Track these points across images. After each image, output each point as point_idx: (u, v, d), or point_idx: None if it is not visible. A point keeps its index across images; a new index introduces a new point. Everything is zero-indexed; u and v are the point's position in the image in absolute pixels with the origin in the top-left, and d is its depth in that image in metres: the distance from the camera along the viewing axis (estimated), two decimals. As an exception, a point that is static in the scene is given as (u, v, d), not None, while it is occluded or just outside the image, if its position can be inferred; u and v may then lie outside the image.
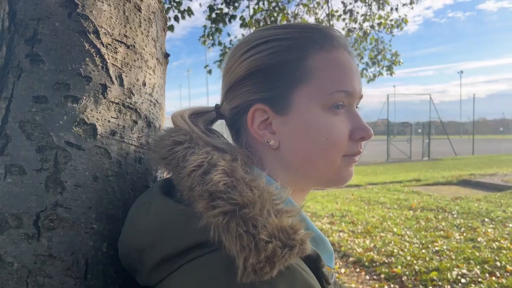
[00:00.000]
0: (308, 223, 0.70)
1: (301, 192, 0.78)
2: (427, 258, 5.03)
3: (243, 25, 6.22)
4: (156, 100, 0.92)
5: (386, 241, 5.91)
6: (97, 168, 0.75)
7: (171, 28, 5.21)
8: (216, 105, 0.80)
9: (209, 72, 6.10)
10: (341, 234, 6.47)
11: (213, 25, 6.13)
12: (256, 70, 0.72)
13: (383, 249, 5.54)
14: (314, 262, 0.62)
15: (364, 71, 7.10)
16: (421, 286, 4.23)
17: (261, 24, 6.49)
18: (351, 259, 5.33)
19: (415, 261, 4.93)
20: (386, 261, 5.08)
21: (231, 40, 6.25)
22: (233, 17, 6.10)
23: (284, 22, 6.67)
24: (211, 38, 6.19)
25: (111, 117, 0.80)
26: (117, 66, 0.83)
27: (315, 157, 0.72)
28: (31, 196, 0.69)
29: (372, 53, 7.02)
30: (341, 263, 5.25)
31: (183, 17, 5.54)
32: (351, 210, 8.16)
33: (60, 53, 0.78)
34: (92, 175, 0.74)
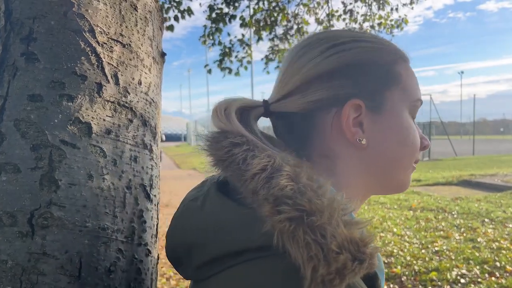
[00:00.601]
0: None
1: (361, 202, 0.76)
2: (427, 258, 5.03)
3: (243, 25, 6.22)
4: (152, 99, 0.92)
5: (386, 241, 5.91)
6: (92, 167, 0.75)
7: (171, 28, 5.21)
8: (265, 100, 0.74)
9: (209, 71, 6.10)
10: (341, 234, 6.46)
11: (213, 25, 6.13)
12: (351, 65, 0.70)
13: (382, 249, 5.53)
14: (371, 281, 0.58)
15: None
16: (420, 286, 4.23)
17: (261, 24, 6.49)
18: (350, 259, 5.32)
19: (414, 261, 4.92)
20: (386, 261, 5.08)
21: (231, 40, 6.24)
22: (233, 17, 6.09)
23: (284, 22, 6.67)
24: (211, 37, 6.18)
25: (107, 115, 0.80)
26: (112, 65, 0.83)
27: (401, 160, 0.72)
28: (26, 194, 0.69)
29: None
30: (340, 263, 5.24)
31: (183, 17, 5.54)
32: (351, 210, 8.15)
33: (56, 52, 0.78)
34: (87, 174, 0.74)
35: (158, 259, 0.90)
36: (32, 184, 0.70)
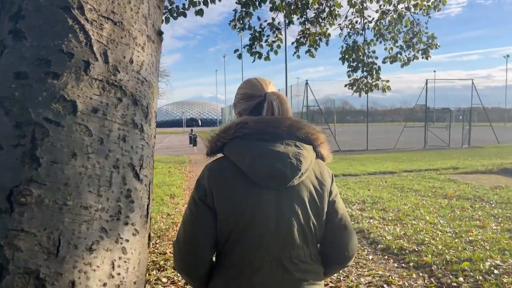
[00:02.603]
0: None
1: None
2: (460, 248, 4.87)
3: (274, 8, 6.12)
4: (145, 78, 0.90)
5: (418, 229, 5.76)
6: (76, 145, 0.74)
7: (201, 12, 5.19)
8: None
9: (239, 56, 6.06)
10: (371, 221, 6.36)
11: (243, 9, 6.06)
12: None
13: (413, 237, 5.40)
14: None
15: (398, 55, 6.84)
16: (451, 276, 4.10)
17: (292, 7, 6.36)
18: (379, 246, 5.23)
19: (446, 251, 4.78)
20: (416, 249, 4.95)
21: (261, 24, 6.16)
22: (263, 0, 6.00)
23: (316, 5, 6.52)
24: (241, 22, 6.13)
25: (94, 94, 0.79)
26: (102, 43, 0.82)
27: None
28: (6, 171, 0.69)
29: (407, 36, 6.75)
30: (369, 250, 5.16)
31: (212, 1, 5.51)
32: (383, 197, 7.99)
33: (43, 29, 0.77)
34: (70, 152, 0.73)
35: (149, 239, 0.89)
36: (13, 161, 0.70)
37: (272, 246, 1.29)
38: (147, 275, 4.62)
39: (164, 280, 4.54)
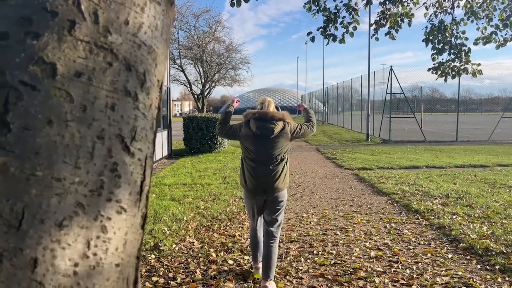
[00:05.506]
0: None
1: None
2: (558, 253, 4.30)
3: (351, -12, 5.80)
4: (143, 42, 0.81)
5: (509, 229, 5.20)
6: (53, 111, 0.68)
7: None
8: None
9: (312, 39, 5.83)
10: (454, 217, 5.86)
11: (319, -10, 5.82)
12: None
13: (503, 238, 4.88)
14: None
15: (493, 35, 6.15)
16: (544, 283, 3.62)
17: (372, -14, 5.98)
18: (461, 245, 4.80)
19: (541, 255, 4.24)
20: (505, 251, 4.46)
21: (336, 6, 5.87)
22: (340, -20, 5.71)
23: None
24: (316, 3, 5.90)
25: (78, 56, 0.72)
26: (92, 1, 0.75)
27: None
28: (-26, 136, 0.64)
29: (503, 13, 6.04)
30: (449, 248, 4.75)
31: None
32: (470, 192, 7.34)
33: (29, -13, 0.72)
34: (46, 118, 0.67)
35: (144, 219, 0.81)
36: (-17, 126, 0.65)
37: (264, 159, 3.72)
38: (215, 256, 4.67)
39: (230, 262, 4.57)
